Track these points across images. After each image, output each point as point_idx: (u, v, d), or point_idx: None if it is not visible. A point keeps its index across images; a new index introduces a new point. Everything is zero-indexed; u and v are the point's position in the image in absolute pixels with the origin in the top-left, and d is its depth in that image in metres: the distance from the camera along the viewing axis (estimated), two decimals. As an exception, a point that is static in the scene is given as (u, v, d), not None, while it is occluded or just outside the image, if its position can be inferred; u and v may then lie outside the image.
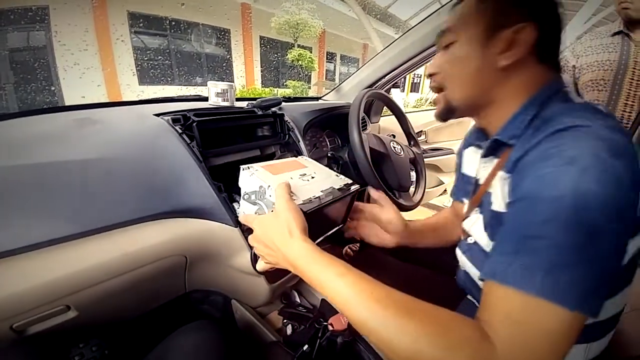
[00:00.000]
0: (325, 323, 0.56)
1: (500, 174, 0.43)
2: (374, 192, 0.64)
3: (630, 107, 0.99)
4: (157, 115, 0.73)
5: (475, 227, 0.50)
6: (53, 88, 5.73)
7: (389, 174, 0.98)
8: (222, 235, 0.67)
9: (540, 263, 0.30)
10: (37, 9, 5.36)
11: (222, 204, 0.66)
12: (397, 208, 0.65)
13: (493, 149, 0.48)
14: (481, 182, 0.52)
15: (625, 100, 1.00)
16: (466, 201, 0.59)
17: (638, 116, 0.98)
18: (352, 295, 0.36)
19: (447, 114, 0.51)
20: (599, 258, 0.30)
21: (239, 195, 0.53)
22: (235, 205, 0.54)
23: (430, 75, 0.52)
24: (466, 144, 0.63)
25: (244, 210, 0.53)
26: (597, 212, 0.30)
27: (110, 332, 0.75)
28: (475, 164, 0.55)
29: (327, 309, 0.60)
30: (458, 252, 0.57)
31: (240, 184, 0.53)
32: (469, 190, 0.57)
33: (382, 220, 0.64)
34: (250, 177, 0.50)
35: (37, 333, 0.51)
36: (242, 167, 0.52)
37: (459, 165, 0.66)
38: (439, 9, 1.05)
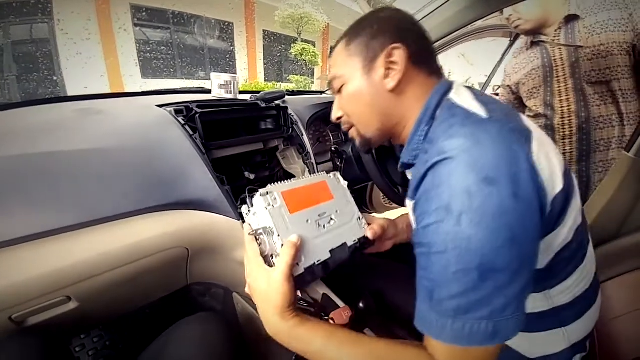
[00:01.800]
0: (326, 317, 0.56)
1: (407, 200, 0.47)
2: (372, 232, 0.60)
3: (567, 100, 1.02)
4: (160, 106, 0.72)
5: None
6: (55, 78, 5.69)
7: (392, 169, 0.98)
8: (224, 228, 0.67)
9: (446, 312, 0.34)
10: (40, -3, 5.32)
11: (225, 197, 0.66)
12: (385, 219, 0.64)
13: (406, 165, 0.51)
14: None
15: (559, 97, 1.03)
16: None
17: (578, 107, 1.00)
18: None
19: (366, 145, 0.55)
20: (499, 289, 0.32)
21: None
22: (244, 209, 0.51)
23: (338, 119, 0.56)
24: None
25: (251, 223, 0.50)
26: (479, 254, 0.32)
27: (111, 324, 0.75)
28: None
29: (328, 304, 0.60)
30: None
31: (252, 204, 0.49)
32: None
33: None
34: (264, 210, 0.47)
35: (37, 324, 0.51)
36: (260, 191, 0.47)
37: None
38: (445, 2, 1.03)
